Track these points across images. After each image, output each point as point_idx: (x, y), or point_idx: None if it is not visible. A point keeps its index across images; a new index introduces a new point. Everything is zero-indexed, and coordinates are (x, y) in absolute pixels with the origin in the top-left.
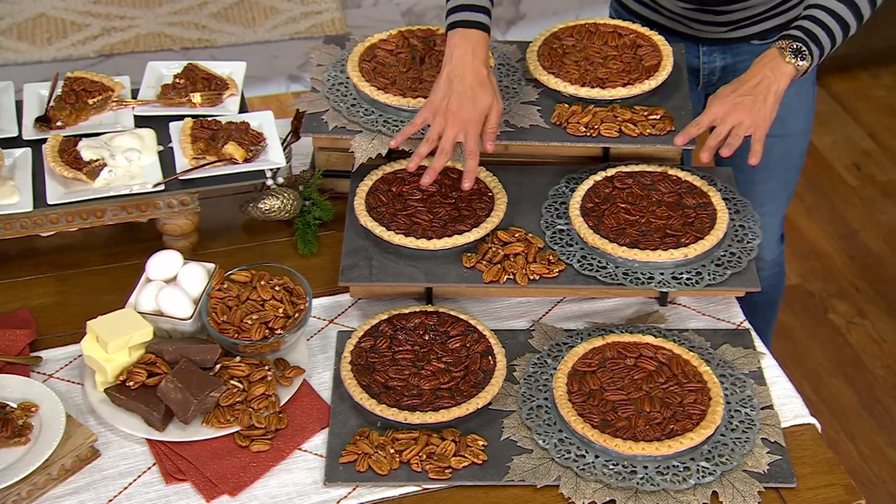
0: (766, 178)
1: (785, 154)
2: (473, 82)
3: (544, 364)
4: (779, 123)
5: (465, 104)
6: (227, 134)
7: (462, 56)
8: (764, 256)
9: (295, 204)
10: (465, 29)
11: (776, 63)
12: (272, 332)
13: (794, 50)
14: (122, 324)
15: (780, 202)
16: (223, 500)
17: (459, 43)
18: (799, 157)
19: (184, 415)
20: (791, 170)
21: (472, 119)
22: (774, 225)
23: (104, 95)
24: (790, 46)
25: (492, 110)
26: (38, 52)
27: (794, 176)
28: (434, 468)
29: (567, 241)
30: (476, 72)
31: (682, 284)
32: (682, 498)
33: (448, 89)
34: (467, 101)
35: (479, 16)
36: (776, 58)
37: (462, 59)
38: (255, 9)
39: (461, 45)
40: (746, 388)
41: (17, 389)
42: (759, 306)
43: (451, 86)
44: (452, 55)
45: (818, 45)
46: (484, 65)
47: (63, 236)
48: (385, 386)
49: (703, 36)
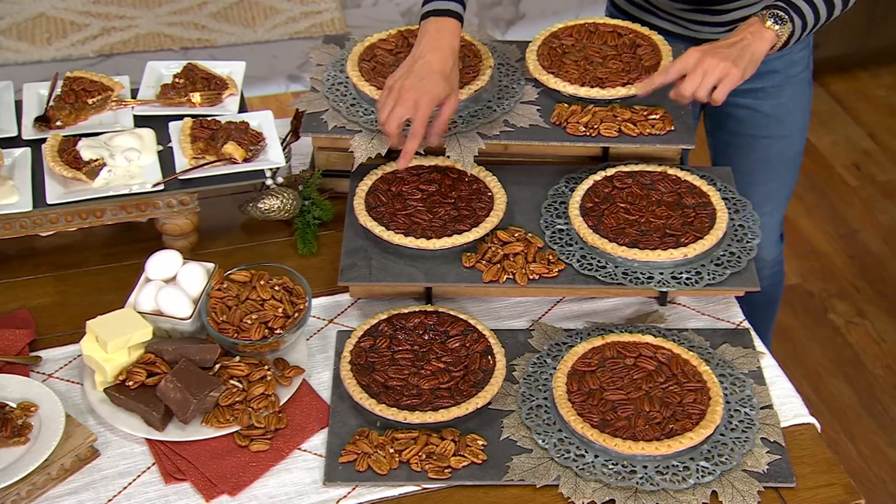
0: (764, 178)
1: (782, 154)
2: (435, 69)
3: (544, 364)
4: (776, 124)
5: (420, 84)
6: (226, 134)
7: (430, 42)
8: (763, 256)
9: (294, 204)
10: (438, 18)
11: (756, 27)
12: (272, 332)
13: (774, 16)
14: (122, 323)
15: (778, 202)
16: (223, 499)
17: (430, 31)
18: (796, 157)
19: (183, 414)
20: (789, 169)
21: (424, 100)
22: (773, 225)
23: (104, 95)
24: (771, 13)
25: (447, 103)
26: (37, 51)
27: (793, 175)
28: (433, 468)
29: (566, 240)
30: (441, 59)
31: (681, 284)
32: (681, 497)
33: (408, 70)
34: (423, 82)
35: (451, 4)
36: (756, 23)
37: (429, 45)
38: (255, 9)
39: (431, 32)
40: (746, 388)
41: (16, 389)
42: (758, 306)
43: (412, 67)
44: (421, 42)
45: (800, 16)
46: (451, 55)
47: (62, 236)
48: (384, 386)
49: (700, 37)
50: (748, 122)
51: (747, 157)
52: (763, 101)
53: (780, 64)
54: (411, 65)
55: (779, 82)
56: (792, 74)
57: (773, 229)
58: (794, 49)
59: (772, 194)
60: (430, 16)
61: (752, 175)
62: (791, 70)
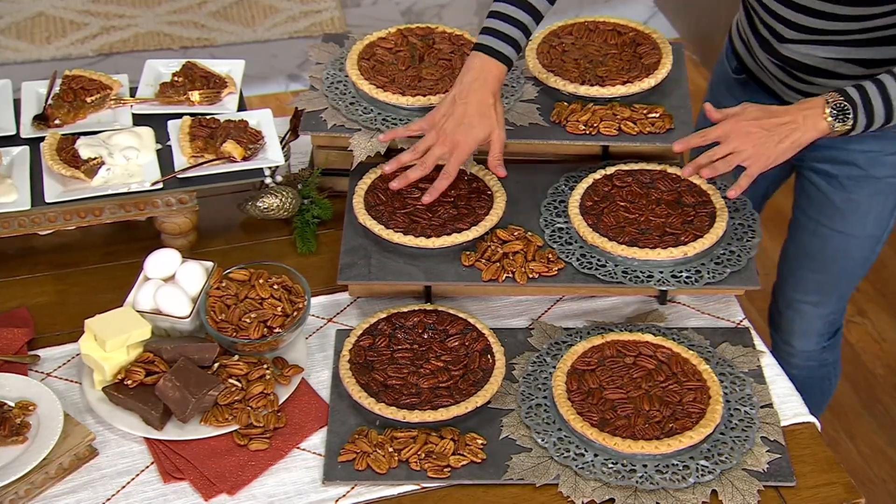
0: (816, 266)
1: (844, 252)
2: (475, 110)
3: (543, 362)
4: (841, 219)
5: (460, 129)
6: (225, 132)
7: (472, 82)
8: (792, 342)
9: (293, 202)
10: (487, 56)
11: (812, 112)
12: (270, 331)
13: (837, 108)
14: (121, 322)
15: (827, 297)
16: (221, 498)
17: (475, 67)
18: (861, 263)
19: (182, 413)
20: (848, 272)
21: (462, 144)
22: (815, 317)
23: (102, 94)
24: (836, 103)
25: (493, 140)
26: (37, 51)
27: (851, 279)
28: (433, 467)
29: (566, 239)
30: (480, 100)
31: (681, 283)
32: (681, 497)
33: (450, 109)
34: (463, 126)
35: (505, 47)
36: (816, 107)
37: (471, 85)
38: (255, 8)
39: (476, 70)
40: (746, 387)
41: (14, 388)
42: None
43: (453, 107)
44: (464, 78)
45: (868, 115)
46: (492, 94)
47: (61, 235)
48: (384, 385)
49: (786, 99)
50: (816, 203)
51: (809, 236)
52: (836, 190)
53: (862, 159)
54: (452, 105)
55: (856, 177)
56: (875, 176)
57: (812, 321)
58: (886, 147)
59: (822, 286)
60: (482, 51)
61: (802, 260)
62: (875, 170)
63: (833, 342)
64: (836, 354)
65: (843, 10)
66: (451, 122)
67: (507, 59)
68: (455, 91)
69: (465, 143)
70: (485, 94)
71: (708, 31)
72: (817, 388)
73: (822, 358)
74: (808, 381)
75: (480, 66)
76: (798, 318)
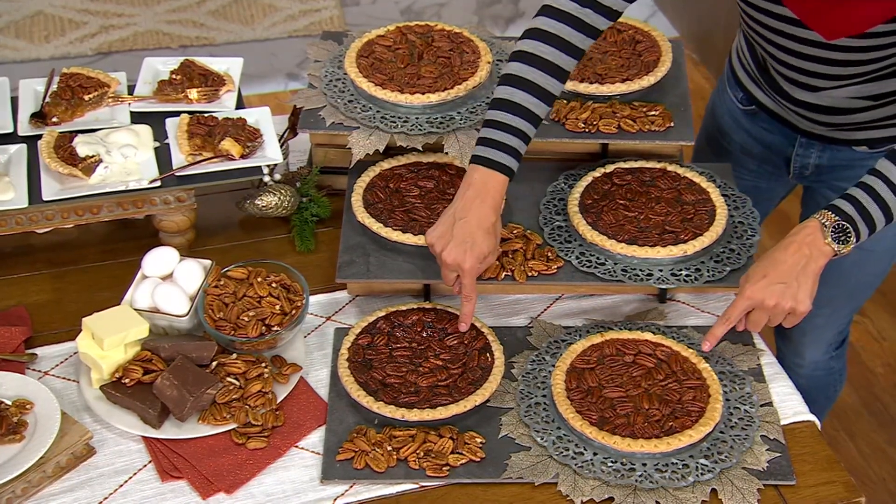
0: (830, 281)
1: (859, 267)
2: (475, 228)
3: (543, 361)
4: None
5: (460, 253)
6: (223, 130)
7: (473, 198)
8: (803, 353)
9: (292, 200)
10: (486, 169)
11: (814, 240)
12: (269, 329)
13: (837, 229)
14: (118, 321)
15: (838, 311)
16: (219, 497)
17: (475, 183)
18: (875, 276)
19: (180, 412)
20: (861, 285)
21: (466, 264)
22: (825, 329)
23: (100, 91)
24: (834, 224)
25: (489, 256)
26: (35, 49)
27: (864, 292)
28: (431, 466)
29: (565, 237)
30: (481, 218)
31: (681, 281)
32: (680, 495)
33: (448, 227)
34: (463, 248)
35: (505, 157)
36: (815, 234)
37: (472, 202)
38: (254, 7)
39: (475, 186)
40: (745, 385)
41: (12, 387)
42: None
43: (452, 227)
44: (465, 195)
45: (868, 224)
46: (493, 210)
47: (59, 233)
48: (382, 383)
49: (802, 128)
50: None
51: None
52: None
53: None
54: (451, 224)
55: None
56: None
57: (821, 333)
58: None
59: (835, 300)
60: (481, 163)
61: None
62: None
63: (841, 350)
64: (842, 362)
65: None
66: (450, 249)
67: (509, 169)
68: (454, 208)
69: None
70: (485, 211)
71: (708, 29)
72: (822, 394)
73: (829, 366)
74: (814, 389)
75: (482, 180)
76: (809, 329)
